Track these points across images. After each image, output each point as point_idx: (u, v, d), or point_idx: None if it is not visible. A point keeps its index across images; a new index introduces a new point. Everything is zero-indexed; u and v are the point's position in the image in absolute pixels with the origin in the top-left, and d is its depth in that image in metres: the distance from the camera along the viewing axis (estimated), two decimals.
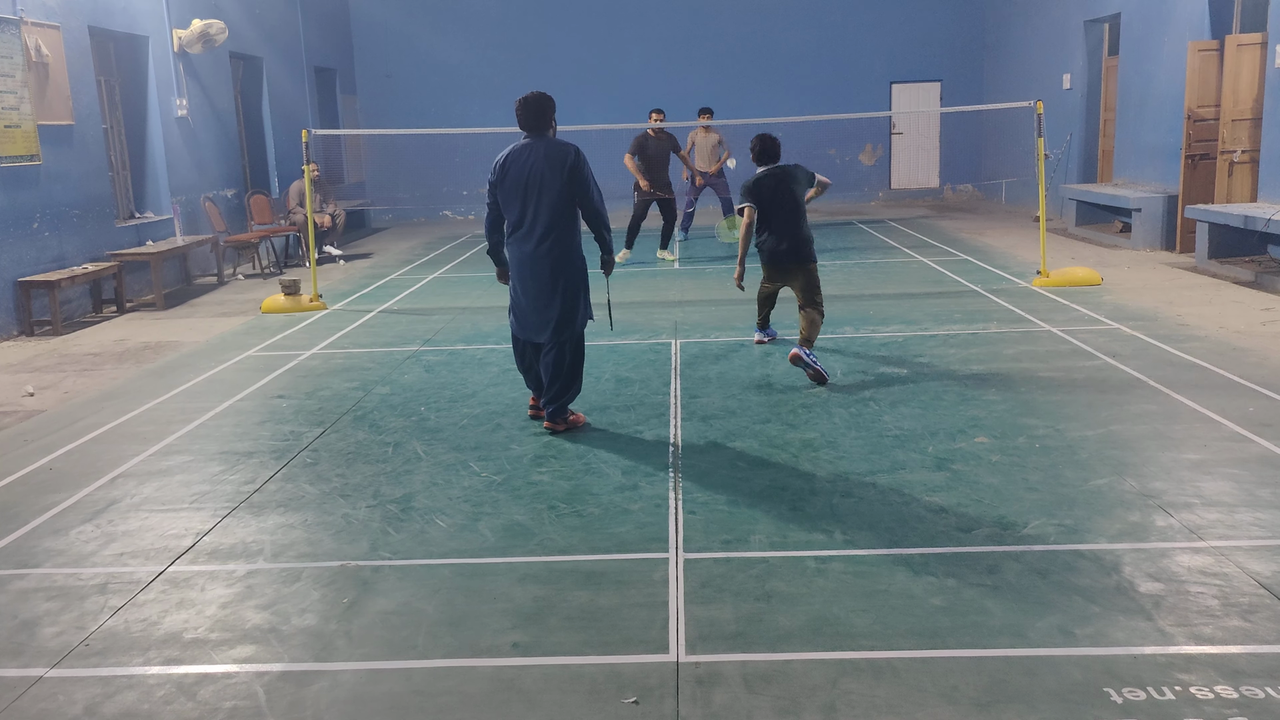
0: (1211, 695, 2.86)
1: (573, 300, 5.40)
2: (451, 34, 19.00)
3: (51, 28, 9.68)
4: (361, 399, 6.32)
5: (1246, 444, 4.94)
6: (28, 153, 9.21)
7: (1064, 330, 7.53)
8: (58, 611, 3.65)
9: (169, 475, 5.08)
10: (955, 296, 9.13)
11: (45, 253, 9.44)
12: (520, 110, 5.39)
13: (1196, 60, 11.05)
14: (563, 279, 5.36)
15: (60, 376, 7.36)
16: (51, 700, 3.07)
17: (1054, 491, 4.42)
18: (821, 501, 4.40)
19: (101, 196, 10.46)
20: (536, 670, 3.13)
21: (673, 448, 5.21)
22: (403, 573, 3.87)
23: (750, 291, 7.64)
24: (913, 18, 18.84)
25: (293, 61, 15.74)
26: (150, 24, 11.60)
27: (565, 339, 5.43)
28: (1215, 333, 7.31)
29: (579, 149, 5.29)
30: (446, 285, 11.04)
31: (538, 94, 5.43)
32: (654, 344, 7.63)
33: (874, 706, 2.87)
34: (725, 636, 3.28)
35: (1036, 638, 3.21)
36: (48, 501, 4.77)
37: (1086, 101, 14.84)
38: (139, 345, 8.39)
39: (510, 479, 4.84)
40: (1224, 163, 10.89)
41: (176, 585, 3.83)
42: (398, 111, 18.95)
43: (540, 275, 5.35)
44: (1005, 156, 17.69)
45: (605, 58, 18.89)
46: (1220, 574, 3.60)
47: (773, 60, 19.05)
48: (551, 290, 5.36)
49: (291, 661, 3.24)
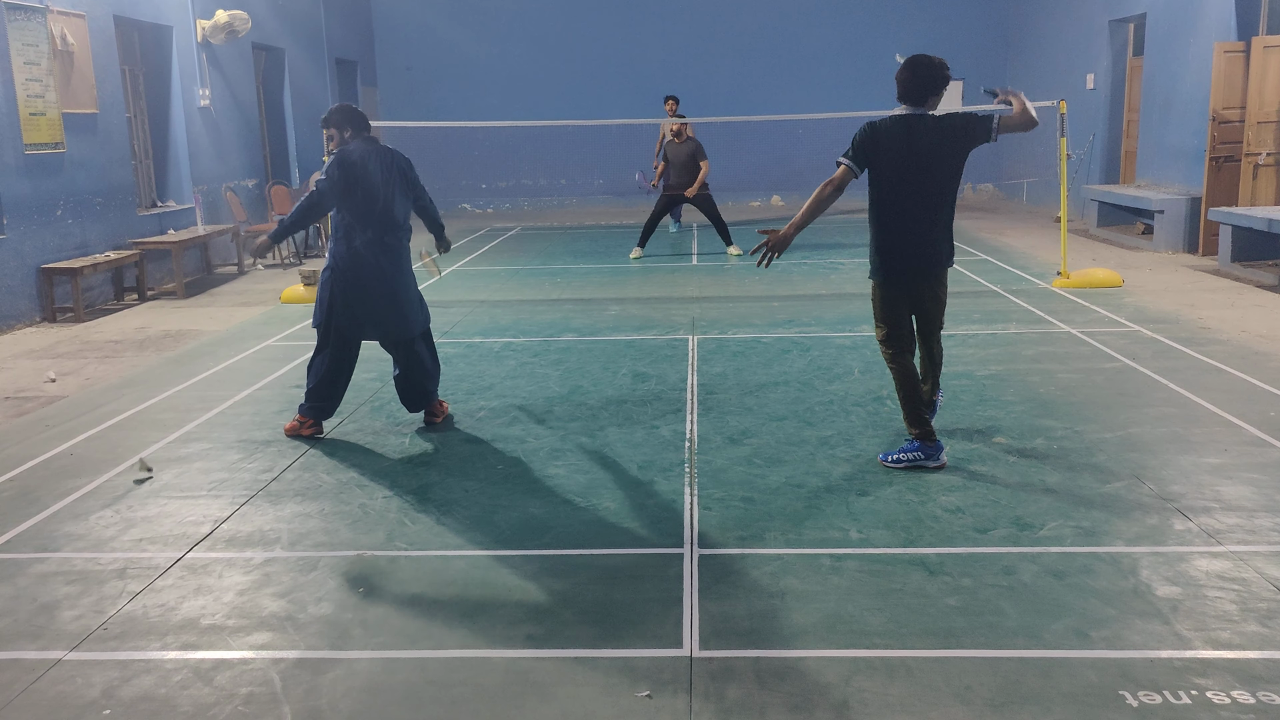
0: (1228, 700, 2.84)
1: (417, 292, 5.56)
2: (472, 27, 19.03)
3: (77, 16, 9.75)
4: (379, 390, 6.34)
5: (1267, 448, 4.90)
6: (52, 140, 9.28)
7: (1084, 332, 7.48)
8: (77, 595, 3.69)
9: (188, 462, 5.11)
10: (974, 297, 9.08)
11: (68, 240, 9.51)
12: (356, 115, 5.43)
13: (1222, 62, 10.95)
14: (409, 274, 5.47)
15: (82, 363, 7.43)
16: (70, 683, 3.10)
17: (1071, 493, 4.40)
18: (837, 499, 4.39)
19: (124, 185, 10.54)
20: (551, 663, 3.14)
21: (689, 443, 5.21)
22: (419, 563, 3.89)
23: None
24: (936, 16, 18.73)
25: (314, 53, 15.80)
26: (175, 14, 11.67)
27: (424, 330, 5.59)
28: (1237, 336, 7.25)
29: None
30: (464, 278, 11.06)
31: (344, 105, 5.47)
32: (671, 339, 7.63)
33: (887, 705, 2.86)
34: (739, 632, 3.28)
35: (1052, 639, 3.19)
36: (68, 486, 4.81)
37: (1110, 102, 14.73)
38: (159, 333, 8.45)
39: (526, 472, 4.85)
40: (1248, 165, 10.79)
41: (194, 571, 3.86)
42: (418, 104, 19.00)
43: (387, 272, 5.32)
44: (1027, 156, 17.58)
45: (626, 51, 18.88)
46: (1239, 579, 3.57)
47: (795, 56, 18.99)
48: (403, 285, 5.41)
49: (307, 649, 3.26)
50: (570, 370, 6.79)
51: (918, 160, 4.63)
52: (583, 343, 7.63)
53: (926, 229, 4.72)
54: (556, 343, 7.64)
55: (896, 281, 4.80)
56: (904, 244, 4.74)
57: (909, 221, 4.72)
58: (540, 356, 7.21)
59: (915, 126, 4.65)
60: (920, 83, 4.66)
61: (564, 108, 18.16)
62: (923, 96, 4.67)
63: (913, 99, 4.69)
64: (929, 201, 4.69)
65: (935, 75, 4.65)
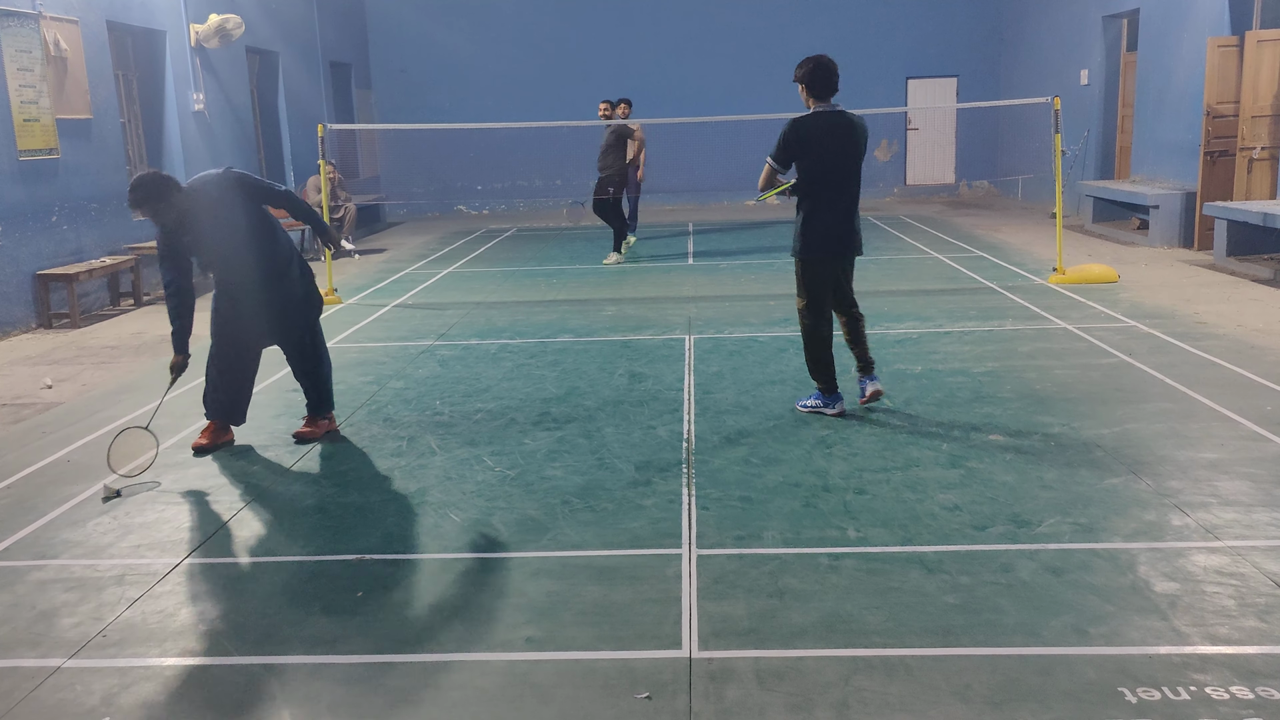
0: (1227, 696, 2.85)
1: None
2: (466, 29, 19.02)
3: (70, 22, 9.74)
4: (376, 393, 6.34)
5: (1264, 443, 4.91)
6: (46, 146, 9.27)
7: (1080, 328, 7.49)
8: (75, 602, 3.68)
9: (185, 468, 5.11)
10: (970, 293, 9.09)
11: (63, 246, 9.50)
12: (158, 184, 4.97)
13: (1216, 56, 10.96)
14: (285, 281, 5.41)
15: (78, 369, 7.42)
16: (69, 690, 3.10)
17: (1069, 490, 4.40)
18: (835, 498, 4.40)
19: (119, 190, 10.51)
20: (550, 665, 3.14)
21: (686, 443, 5.21)
22: (416, 566, 3.88)
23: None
24: (929, 12, 18.75)
25: (308, 56, 15.78)
26: (167, 19, 11.65)
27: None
28: (1233, 331, 7.26)
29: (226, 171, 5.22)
30: (461, 280, 11.06)
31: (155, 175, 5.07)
32: (668, 339, 7.63)
33: (887, 704, 2.86)
34: (738, 633, 3.28)
35: (1050, 636, 3.19)
36: (66, 493, 4.80)
37: (1104, 97, 14.75)
38: (156, 338, 8.43)
39: (524, 473, 4.85)
40: (1243, 159, 10.80)
41: (192, 577, 3.86)
42: (413, 106, 18.98)
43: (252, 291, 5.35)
44: (1022, 152, 17.59)
45: (620, 52, 18.87)
46: (1236, 574, 3.57)
47: (788, 55, 18.78)
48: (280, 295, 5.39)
49: (304, 653, 3.26)
50: (567, 371, 6.79)
51: (838, 150, 5.34)
52: (579, 344, 7.63)
53: (846, 212, 5.42)
54: (553, 344, 7.63)
55: (823, 260, 5.46)
56: (829, 226, 5.40)
57: (833, 206, 5.38)
58: (537, 358, 7.20)
59: (834, 121, 5.35)
60: (830, 80, 5.36)
61: (559, 109, 18.14)
62: (832, 92, 5.38)
63: (826, 95, 5.38)
64: (847, 187, 5.41)
65: (836, 74, 5.39)
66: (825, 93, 5.34)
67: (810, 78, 5.33)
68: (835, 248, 5.44)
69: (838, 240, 5.42)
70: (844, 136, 5.32)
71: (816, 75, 5.31)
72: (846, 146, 5.33)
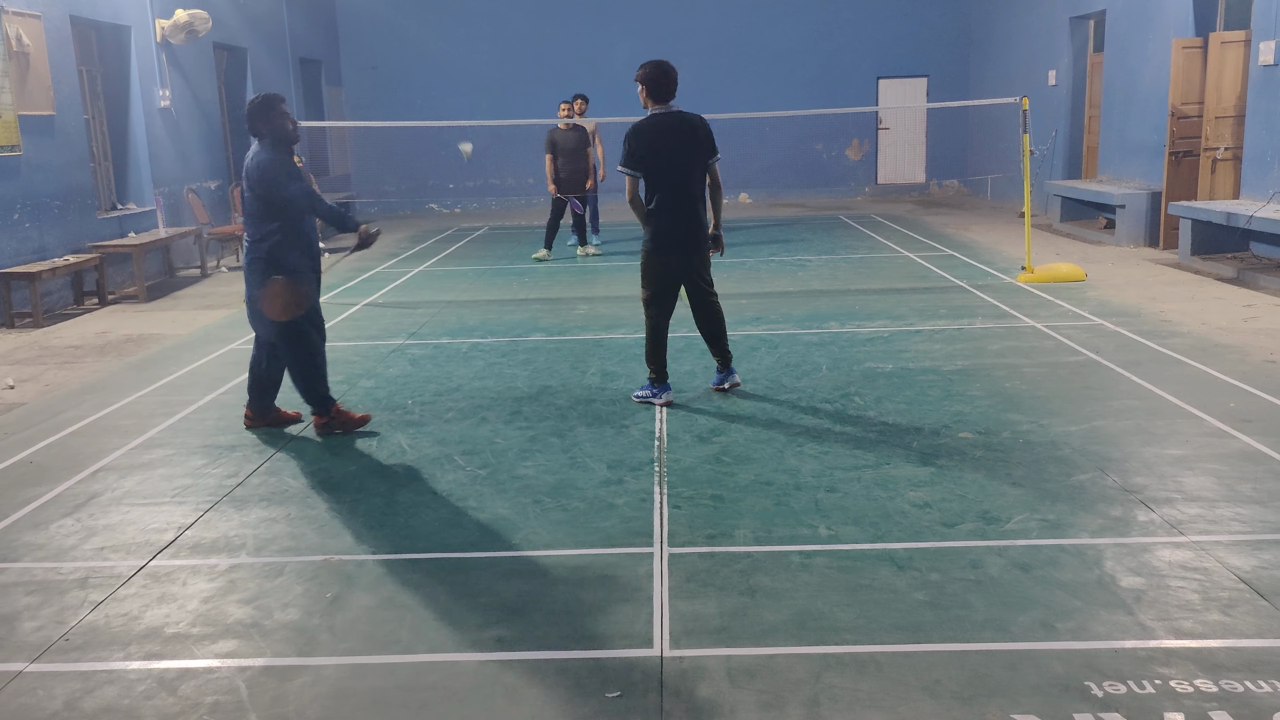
0: (1191, 689, 2.88)
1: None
2: (437, 26, 18.92)
3: (33, 17, 9.59)
4: (346, 392, 6.29)
5: (1228, 439, 4.97)
6: (8, 143, 9.12)
7: (1048, 326, 7.56)
8: (37, 606, 3.62)
9: (150, 469, 5.04)
10: (940, 292, 9.15)
11: (26, 244, 9.35)
12: None
13: (1181, 57, 11.10)
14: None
15: (41, 369, 7.30)
16: (31, 695, 3.05)
17: (1037, 486, 4.44)
18: (806, 497, 4.41)
19: (83, 187, 10.38)
20: (520, 665, 3.13)
21: (658, 442, 5.20)
22: (386, 567, 3.86)
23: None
24: (900, 12, 18.86)
25: (278, 53, 15.64)
26: (133, 14, 11.51)
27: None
28: (1198, 329, 7.36)
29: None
30: (432, 279, 11.00)
31: None
32: (639, 338, 7.61)
33: (857, 700, 2.87)
34: (709, 631, 3.28)
35: (1019, 632, 3.22)
36: (28, 495, 4.73)
37: (1072, 98, 14.90)
38: (121, 338, 8.33)
39: (495, 473, 4.83)
40: (1207, 160, 10.95)
41: (158, 580, 3.81)
42: (384, 104, 18.87)
43: None
44: (991, 152, 17.75)
45: (592, 51, 18.83)
46: (1200, 569, 3.62)
47: (759, 55, 19.04)
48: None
49: (274, 656, 3.23)
50: (539, 370, 6.76)
51: (678, 150, 5.55)
52: (551, 342, 7.61)
53: (690, 209, 5.62)
54: (525, 342, 7.61)
55: (668, 254, 5.67)
56: (675, 223, 5.61)
57: (676, 203, 5.58)
58: (508, 357, 7.18)
59: (671, 122, 5.57)
60: (668, 84, 5.56)
61: (531, 107, 18.07)
62: (670, 95, 5.59)
63: (664, 98, 5.59)
64: (690, 184, 5.60)
65: (674, 78, 5.60)
66: (664, 95, 5.58)
67: (649, 80, 5.58)
68: (679, 242, 5.66)
69: (681, 236, 5.64)
70: (683, 136, 5.57)
71: (655, 78, 5.57)
72: (686, 145, 5.57)
